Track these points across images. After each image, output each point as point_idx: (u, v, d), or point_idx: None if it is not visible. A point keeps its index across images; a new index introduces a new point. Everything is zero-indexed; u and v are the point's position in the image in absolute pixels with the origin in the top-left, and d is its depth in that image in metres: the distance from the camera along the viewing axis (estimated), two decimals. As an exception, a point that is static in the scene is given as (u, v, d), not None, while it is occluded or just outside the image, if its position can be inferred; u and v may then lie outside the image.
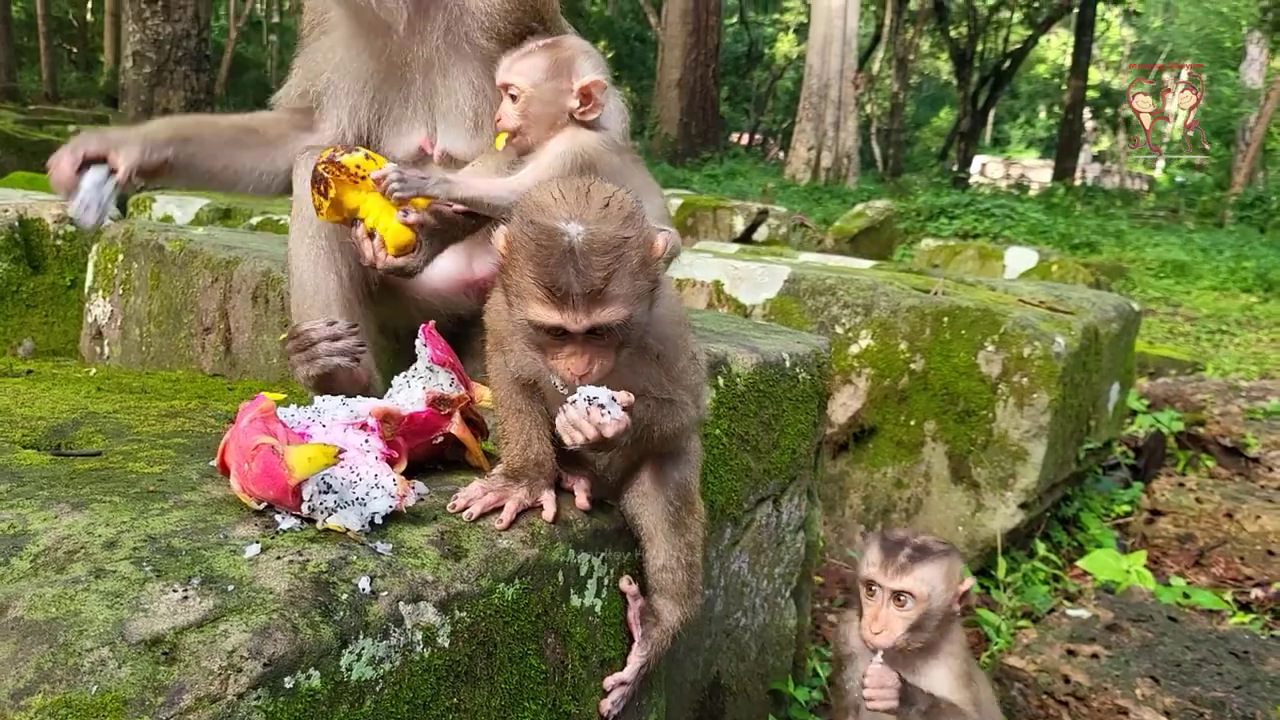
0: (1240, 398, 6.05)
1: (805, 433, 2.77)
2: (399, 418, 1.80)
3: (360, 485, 1.60)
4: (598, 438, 1.61)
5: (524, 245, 1.57)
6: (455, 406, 1.90)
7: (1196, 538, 4.50)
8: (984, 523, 3.99)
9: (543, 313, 1.55)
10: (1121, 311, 4.85)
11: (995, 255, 9.99)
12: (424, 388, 1.91)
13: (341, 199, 2.03)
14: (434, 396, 1.87)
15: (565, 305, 1.54)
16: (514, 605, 1.65)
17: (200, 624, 1.29)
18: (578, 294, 1.53)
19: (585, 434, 1.60)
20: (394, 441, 1.77)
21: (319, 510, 1.56)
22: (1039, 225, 17.66)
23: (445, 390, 1.91)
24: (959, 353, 4.00)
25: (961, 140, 35.15)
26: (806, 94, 25.89)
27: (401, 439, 1.80)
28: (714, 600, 2.54)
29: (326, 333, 2.16)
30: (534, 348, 1.64)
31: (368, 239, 2.07)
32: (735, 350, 2.51)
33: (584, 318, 1.55)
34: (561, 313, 1.55)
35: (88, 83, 31.29)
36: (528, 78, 2.08)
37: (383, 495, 1.61)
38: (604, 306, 1.55)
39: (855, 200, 17.93)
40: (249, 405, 1.69)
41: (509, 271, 1.60)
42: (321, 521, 1.56)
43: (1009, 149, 57.89)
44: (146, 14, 10.81)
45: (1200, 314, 11.93)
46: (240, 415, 1.68)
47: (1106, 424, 4.79)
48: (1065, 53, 45.82)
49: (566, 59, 2.10)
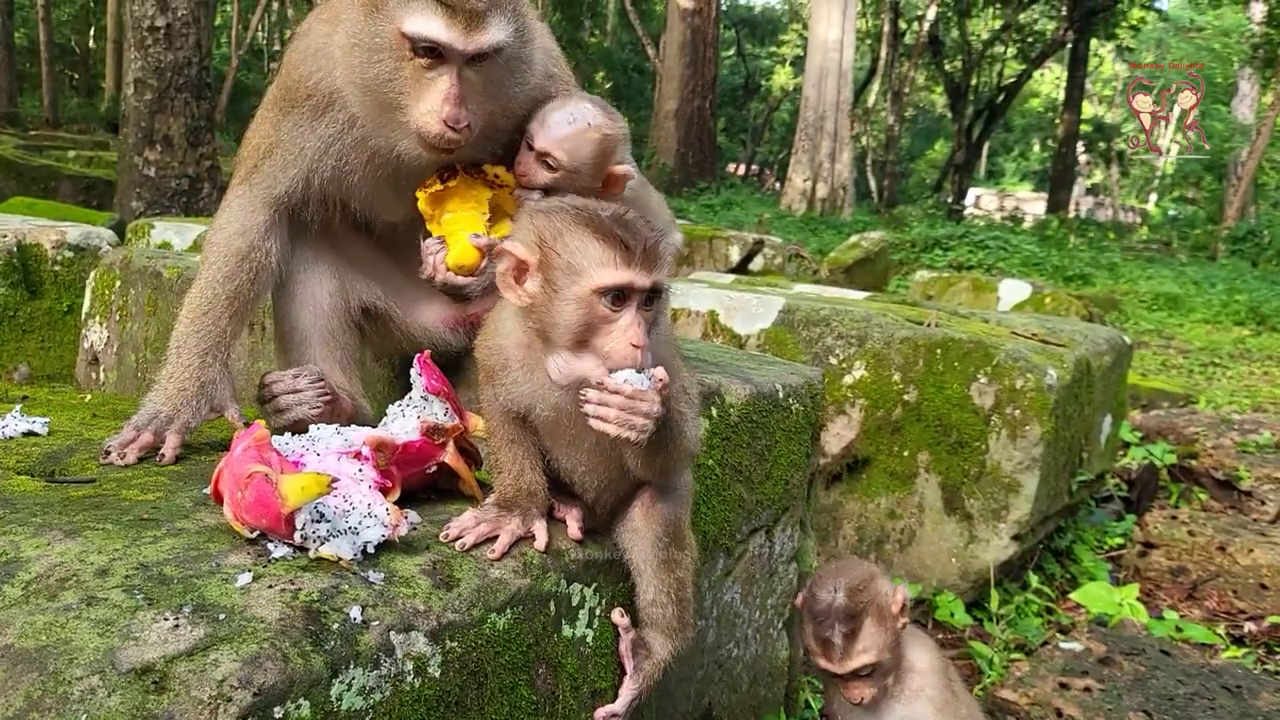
0: (1233, 431, 6.07)
1: (798, 463, 2.78)
2: (393, 447, 1.81)
3: (353, 514, 1.61)
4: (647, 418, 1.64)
5: (567, 223, 1.66)
6: (449, 436, 1.91)
7: (1189, 571, 4.50)
8: (977, 554, 3.99)
9: (610, 275, 1.61)
10: (1114, 344, 4.87)
11: (989, 287, 10.04)
12: (419, 417, 1.92)
13: (448, 195, 2.12)
14: (428, 426, 1.88)
15: (631, 261, 1.63)
16: (505, 635, 1.65)
17: (190, 653, 1.29)
18: (641, 248, 1.63)
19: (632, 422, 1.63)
20: (388, 470, 1.78)
21: (311, 539, 1.56)
22: (1033, 257, 17.76)
23: (440, 420, 1.92)
24: (952, 384, 4.02)
25: (956, 172, 35.39)
26: (802, 125, 26.09)
27: (395, 468, 1.81)
28: (706, 631, 2.54)
29: (287, 386, 2.18)
30: (578, 336, 1.65)
31: (434, 250, 2.13)
32: (729, 381, 2.52)
33: (648, 274, 1.63)
34: (630, 268, 1.62)
35: (89, 108, 31.45)
36: (573, 158, 2.12)
37: (375, 524, 1.61)
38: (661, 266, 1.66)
39: (850, 231, 18.04)
40: (244, 434, 1.70)
41: (550, 262, 1.65)
42: (314, 550, 1.57)
43: (1003, 181, 58.28)
44: (149, 42, 10.89)
45: (1193, 347, 11.98)
46: (235, 443, 1.69)
47: (1099, 456, 4.80)
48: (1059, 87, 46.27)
49: (610, 149, 2.16)
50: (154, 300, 3.31)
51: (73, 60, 40.09)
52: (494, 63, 2.00)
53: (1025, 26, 37.09)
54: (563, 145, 2.11)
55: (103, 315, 3.57)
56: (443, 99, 1.96)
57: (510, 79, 2.07)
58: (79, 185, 14.17)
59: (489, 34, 1.94)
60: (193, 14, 10.92)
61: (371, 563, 1.59)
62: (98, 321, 3.59)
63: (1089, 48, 34.83)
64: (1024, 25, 36.93)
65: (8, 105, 25.82)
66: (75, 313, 3.82)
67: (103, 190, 13.66)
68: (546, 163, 2.13)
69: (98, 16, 37.87)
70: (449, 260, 2.11)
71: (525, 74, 2.11)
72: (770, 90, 51.08)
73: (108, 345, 3.54)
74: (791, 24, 50.97)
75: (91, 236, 4.19)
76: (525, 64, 2.09)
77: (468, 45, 1.93)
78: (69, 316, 3.88)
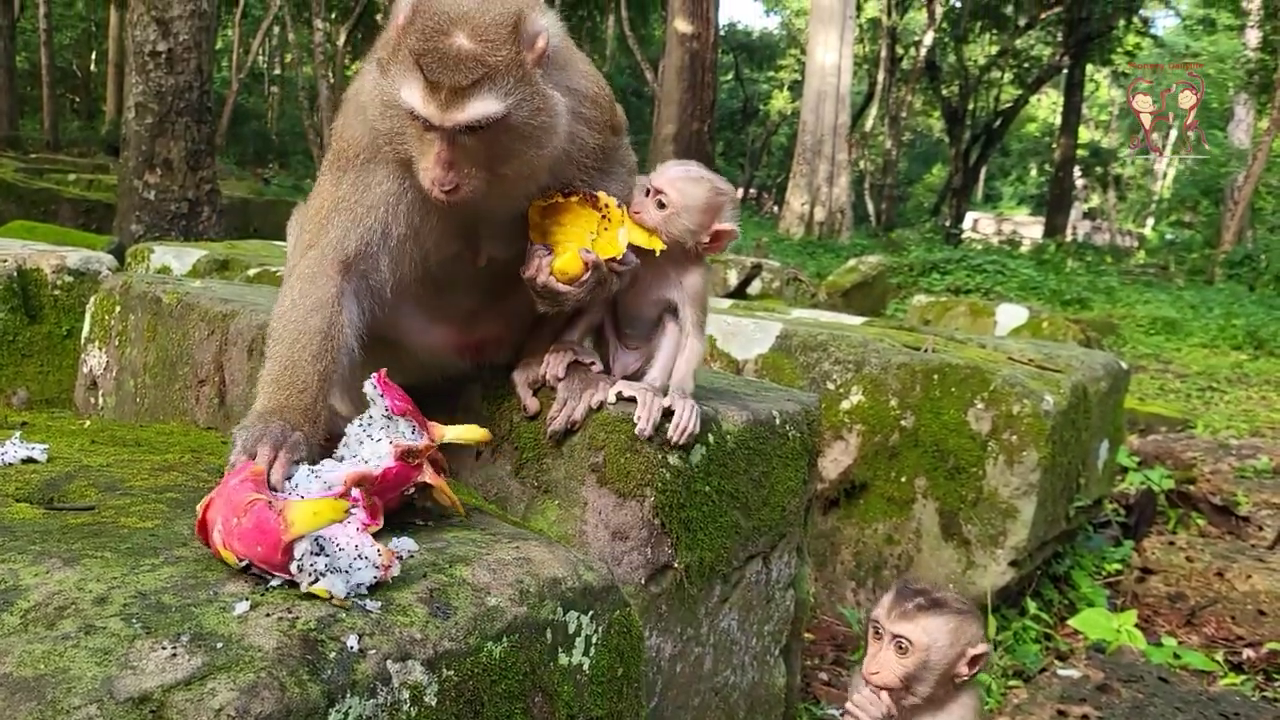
0: (1230, 455, 6.08)
1: (795, 490, 2.79)
2: (371, 479, 1.81)
3: (343, 556, 1.60)
4: None
5: None
6: (423, 455, 1.91)
7: (1188, 597, 4.50)
8: (975, 580, 3.99)
9: None
10: (1110, 370, 4.89)
11: (986, 311, 10.07)
12: (390, 441, 1.91)
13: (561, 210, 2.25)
14: (402, 449, 1.88)
15: None
16: (502, 663, 1.65)
17: (188, 682, 1.30)
18: None
19: None
20: (371, 504, 1.77)
21: (307, 571, 1.55)
22: (1030, 281, 17.79)
23: (408, 439, 1.92)
24: (949, 410, 4.03)
25: (954, 196, 35.57)
26: (800, 149, 26.23)
27: (376, 497, 1.80)
28: (703, 658, 2.53)
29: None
30: None
31: (542, 254, 2.21)
32: (726, 408, 2.53)
33: None
34: None
35: (89, 132, 31.60)
36: (684, 198, 2.32)
37: (367, 566, 1.60)
38: None
39: (848, 255, 18.11)
40: (240, 469, 1.70)
41: None
42: (306, 585, 1.55)
43: (1000, 205, 58.53)
44: (150, 66, 10.95)
45: (1190, 371, 11.99)
46: (229, 477, 1.69)
47: (1097, 481, 4.81)
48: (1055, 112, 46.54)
49: (719, 205, 2.37)
50: (153, 326, 3.32)
51: (73, 84, 40.32)
52: (496, 131, 2.01)
53: (1022, 52, 37.39)
54: (675, 185, 2.33)
55: (102, 340, 3.58)
56: (434, 161, 2.01)
57: (523, 144, 2.07)
58: (79, 208, 14.21)
59: (469, 110, 1.94)
60: (194, 39, 11.00)
61: (368, 590, 1.59)
62: (97, 346, 3.60)
63: (1085, 73, 35.12)
64: (1020, 51, 37.23)
65: (8, 128, 25.95)
66: (75, 337, 3.83)
67: (103, 213, 13.70)
68: (660, 200, 2.31)
69: (99, 41, 38.13)
70: (555, 265, 2.20)
71: (542, 138, 2.09)
72: (768, 114, 51.39)
73: (107, 370, 3.55)
74: (789, 49, 51.30)
75: (91, 261, 4.21)
76: (541, 130, 2.08)
77: (444, 121, 1.95)
78: (68, 341, 3.89)
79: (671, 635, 2.39)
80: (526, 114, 2.02)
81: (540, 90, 2.04)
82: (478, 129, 1.98)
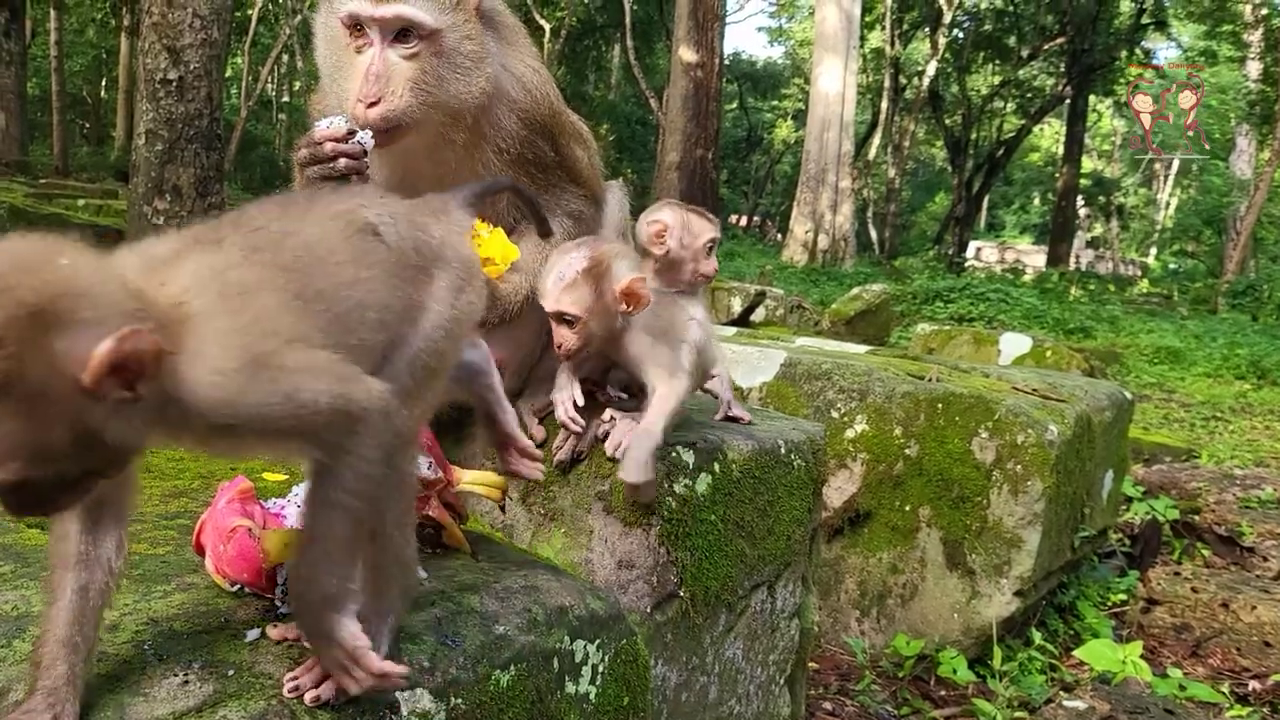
0: (1235, 486, 6.07)
1: (800, 519, 2.80)
2: None
3: None
4: None
5: None
6: (433, 490, 1.92)
7: (1193, 628, 4.48)
8: (979, 610, 3.98)
9: None
10: (1114, 400, 4.90)
11: (990, 340, 10.08)
12: None
13: None
14: None
15: None
16: (509, 692, 1.66)
17: (200, 709, 1.31)
18: None
19: None
20: None
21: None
22: (1033, 310, 17.82)
23: (423, 473, 1.94)
24: (953, 439, 4.04)
25: (956, 225, 35.67)
26: (804, 178, 26.34)
27: None
28: (708, 687, 2.53)
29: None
30: None
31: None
32: (731, 438, 2.55)
33: None
34: None
35: (98, 158, 31.81)
36: (580, 306, 2.18)
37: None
38: None
39: (852, 283, 18.13)
40: (228, 485, 1.73)
41: None
42: (285, 607, 1.57)
43: (1003, 234, 58.66)
44: (161, 94, 11.03)
45: (1194, 400, 11.98)
46: (219, 495, 1.72)
47: (1101, 511, 4.81)
48: (1058, 142, 46.74)
49: (604, 271, 2.20)
50: (163, 352, 3.34)
51: (84, 110, 40.65)
52: (425, 50, 2.09)
53: (1025, 82, 37.64)
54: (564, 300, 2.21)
55: (112, 366, 3.60)
56: (360, 76, 2.08)
57: (449, 72, 2.15)
58: (88, 234, 14.27)
59: (400, 6, 2.05)
60: (205, 67, 11.09)
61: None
62: (106, 372, 3.63)
63: (1088, 103, 35.29)
64: (1023, 81, 37.47)
65: (19, 154, 26.10)
66: (84, 363, 3.85)
67: (112, 239, 13.72)
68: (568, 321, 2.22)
69: (109, 68, 38.47)
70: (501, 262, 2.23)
71: (468, 72, 2.17)
72: (772, 143, 51.68)
73: (116, 396, 3.57)
74: (793, 78, 51.65)
75: (102, 287, 4.23)
76: (469, 61, 2.16)
77: (375, 11, 2.05)
78: (78, 366, 3.91)
79: (677, 664, 2.39)
80: (456, 39, 2.12)
81: (475, 26, 2.14)
82: (408, 36, 2.07)
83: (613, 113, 44.37)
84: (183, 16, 10.98)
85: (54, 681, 1.25)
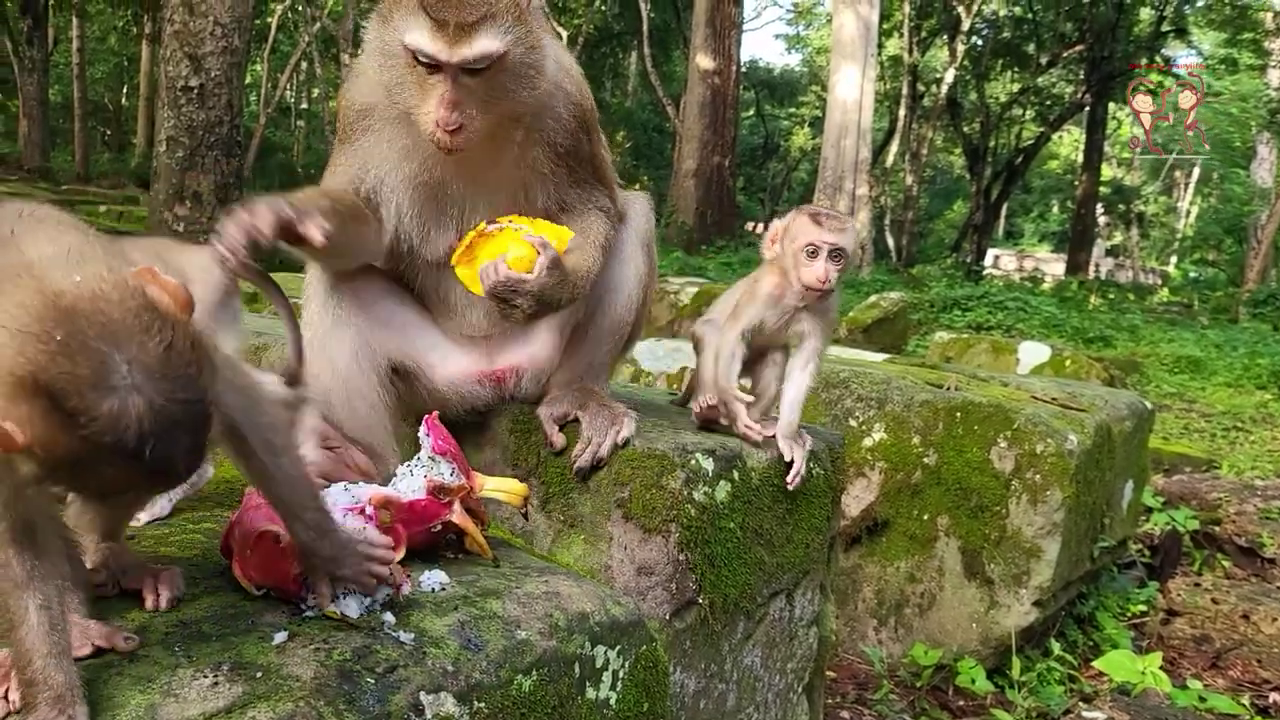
0: (1256, 496, 6.03)
1: (819, 527, 2.80)
2: (399, 505, 1.86)
3: None
4: None
5: None
6: (455, 495, 1.95)
7: (1213, 639, 4.45)
8: (998, 620, 3.97)
9: None
10: (1134, 410, 4.87)
11: (1008, 349, 10.04)
12: (426, 476, 1.96)
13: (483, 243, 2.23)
14: (434, 485, 1.92)
15: None
16: (531, 697, 1.67)
17: (229, 710, 1.33)
18: None
19: None
20: (393, 528, 1.82)
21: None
22: (1052, 319, 17.72)
23: (446, 479, 1.96)
24: (972, 448, 4.03)
25: (975, 233, 35.50)
26: (821, 185, 26.28)
27: (401, 526, 1.85)
28: (726, 694, 2.54)
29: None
30: None
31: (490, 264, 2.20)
32: (750, 445, 2.55)
33: None
34: None
35: (119, 164, 32.09)
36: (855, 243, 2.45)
37: (380, 585, 1.65)
38: None
39: (869, 290, 18.08)
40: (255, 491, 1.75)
41: None
42: (318, 610, 1.61)
43: (1022, 242, 58.36)
44: (182, 101, 11.15)
45: (1215, 410, 11.89)
46: (246, 498, 1.74)
47: (1121, 522, 4.78)
48: (1077, 149, 46.54)
49: None
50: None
51: (105, 117, 41.04)
52: (495, 70, 2.12)
53: (1043, 90, 37.44)
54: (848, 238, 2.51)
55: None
56: (437, 103, 2.11)
57: (517, 83, 2.19)
58: (110, 239, 14.40)
59: (476, 46, 2.07)
60: (225, 74, 11.21)
61: (403, 622, 1.62)
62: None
63: (1107, 111, 35.07)
64: (1042, 89, 37.28)
65: (41, 160, 26.42)
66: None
67: (132, 244, 13.87)
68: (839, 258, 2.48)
69: (131, 75, 38.83)
70: (509, 259, 2.19)
71: (534, 79, 2.22)
72: (789, 150, 51.66)
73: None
74: (811, 85, 51.63)
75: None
76: (534, 69, 2.21)
77: (452, 57, 2.07)
78: (102, 371, 3.95)
79: (695, 671, 2.40)
80: (522, 52, 2.15)
81: (534, 30, 2.18)
82: (481, 67, 2.09)
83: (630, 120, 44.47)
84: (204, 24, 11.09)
85: (56, 690, 1.28)
